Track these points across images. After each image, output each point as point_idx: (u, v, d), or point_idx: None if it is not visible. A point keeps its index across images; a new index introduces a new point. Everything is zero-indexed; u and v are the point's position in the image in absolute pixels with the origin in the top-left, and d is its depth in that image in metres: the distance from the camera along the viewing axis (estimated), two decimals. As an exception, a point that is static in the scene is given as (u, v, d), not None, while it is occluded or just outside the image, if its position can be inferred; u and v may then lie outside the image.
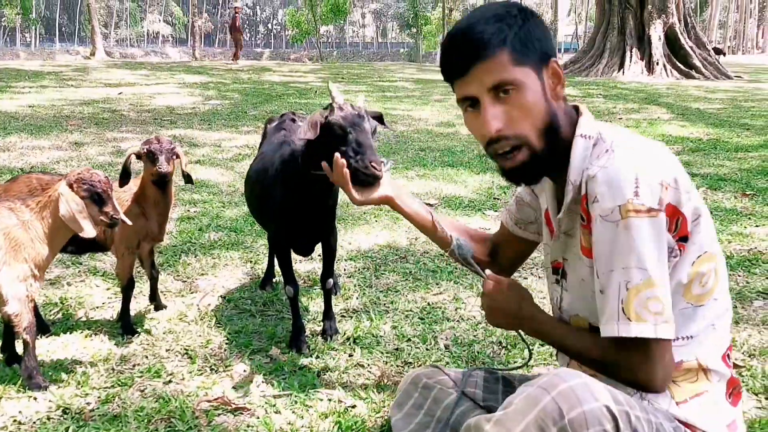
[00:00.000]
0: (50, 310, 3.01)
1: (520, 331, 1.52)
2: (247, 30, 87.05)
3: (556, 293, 1.57)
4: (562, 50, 49.15)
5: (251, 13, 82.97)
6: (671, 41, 18.36)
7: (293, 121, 3.10)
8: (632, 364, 1.31)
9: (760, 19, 57.50)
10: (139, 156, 2.66)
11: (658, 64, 17.84)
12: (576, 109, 1.46)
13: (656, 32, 18.13)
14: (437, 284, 3.37)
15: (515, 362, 2.56)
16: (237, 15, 22.92)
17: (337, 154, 1.88)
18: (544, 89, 1.37)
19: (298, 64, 23.79)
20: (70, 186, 2.27)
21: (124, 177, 2.65)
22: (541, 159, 1.39)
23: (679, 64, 18.09)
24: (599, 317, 1.34)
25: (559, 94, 1.40)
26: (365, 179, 1.90)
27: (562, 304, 1.55)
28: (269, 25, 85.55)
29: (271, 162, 2.70)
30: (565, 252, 1.50)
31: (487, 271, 1.56)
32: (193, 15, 29.95)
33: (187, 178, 2.79)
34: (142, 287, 3.19)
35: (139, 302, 3.10)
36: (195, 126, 8.47)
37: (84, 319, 2.96)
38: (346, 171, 1.82)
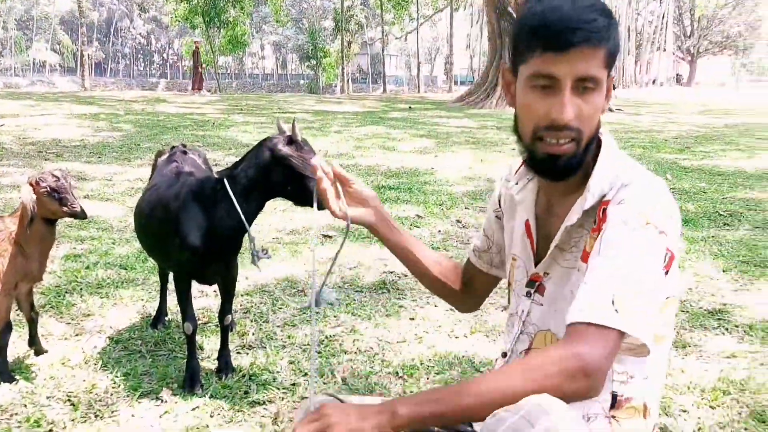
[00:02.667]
0: None
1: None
2: (141, 60, 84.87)
3: (524, 306, 1.52)
4: (458, 83, 50.84)
5: (145, 42, 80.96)
6: (557, 76, 19.45)
7: (184, 153, 3.04)
8: (590, 348, 1.18)
9: (637, 56, 61.62)
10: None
11: (546, 97, 18.81)
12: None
13: (543, 67, 19.14)
14: (335, 317, 3.36)
15: (411, 391, 2.58)
16: (197, 50, 23.57)
17: (317, 163, 1.64)
18: (608, 93, 1.36)
19: (196, 95, 23.38)
20: None
21: (32, 221, 2.52)
22: (578, 159, 1.35)
23: (565, 98, 19.14)
24: (574, 303, 1.24)
25: (605, 107, 1.37)
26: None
27: (529, 317, 1.50)
28: (165, 55, 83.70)
29: (172, 194, 2.63)
30: (549, 266, 1.46)
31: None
32: (82, 44, 28.89)
33: (80, 214, 2.65)
34: (21, 331, 3.00)
35: (18, 347, 2.91)
36: (84, 159, 8.13)
37: (-46, 368, 2.74)
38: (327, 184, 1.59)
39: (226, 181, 2.45)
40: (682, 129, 14.61)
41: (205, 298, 3.60)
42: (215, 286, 2.78)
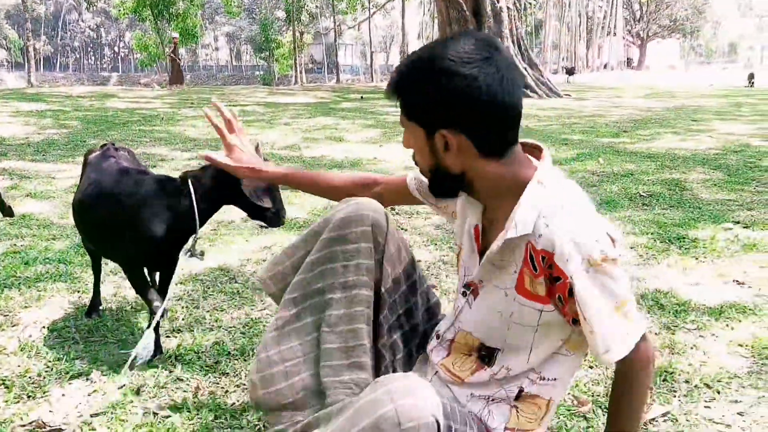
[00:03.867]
0: None
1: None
2: (91, 53, 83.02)
3: (459, 302, 1.63)
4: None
5: (95, 36, 79.21)
6: (506, 63, 19.83)
7: (117, 150, 3.20)
8: (647, 361, 1.45)
9: (588, 41, 62.62)
10: None
11: (495, 84, 19.17)
12: (539, 149, 1.53)
13: (492, 55, 19.50)
14: (261, 301, 3.58)
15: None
16: (175, 45, 24.30)
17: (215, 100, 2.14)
18: (432, 148, 1.46)
19: (147, 90, 23.21)
20: None
21: None
22: (435, 184, 1.55)
23: (514, 84, 19.55)
24: (597, 351, 1.40)
25: (437, 161, 1.48)
26: (276, 224, 2.66)
27: (460, 315, 1.61)
28: (116, 48, 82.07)
29: (126, 188, 2.79)
30: (485, 277, 1.54)
31: None
32: (28, 38, 28.31)
33: (7, 211, 2.80)
34: (-42, 324, 3.16)
35: (-44, 339, 3.07)
36: (27, 157, 8.16)
37: None
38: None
39: (190, 181, 2.66)
40: (625, 113, 15.10)
41: (141, 287, 3.78)
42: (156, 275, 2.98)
